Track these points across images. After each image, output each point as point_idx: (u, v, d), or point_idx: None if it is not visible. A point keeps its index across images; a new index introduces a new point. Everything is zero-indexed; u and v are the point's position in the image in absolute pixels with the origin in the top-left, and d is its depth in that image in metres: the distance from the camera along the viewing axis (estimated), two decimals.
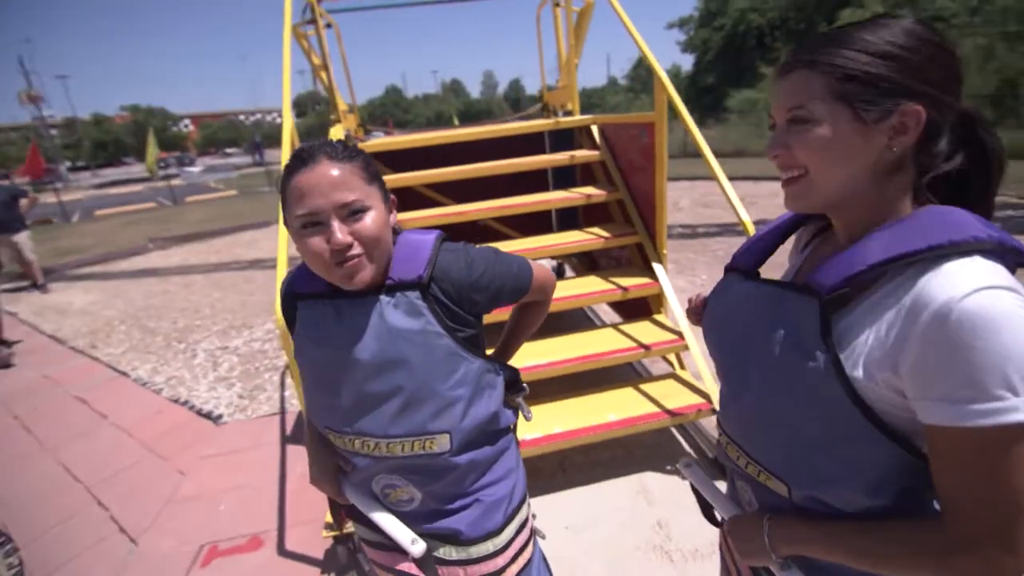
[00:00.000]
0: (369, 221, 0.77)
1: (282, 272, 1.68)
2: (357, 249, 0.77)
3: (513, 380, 1.01)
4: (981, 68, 9.68)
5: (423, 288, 0.83)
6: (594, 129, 3.08)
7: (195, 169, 30.33)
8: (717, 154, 2.17)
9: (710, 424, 2.43)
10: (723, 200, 1.96)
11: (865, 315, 0.57)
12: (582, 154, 2.96)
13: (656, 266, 2.53)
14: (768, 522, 0.68)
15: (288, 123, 2.00)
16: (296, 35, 2.96)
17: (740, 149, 13.36)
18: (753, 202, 8.06)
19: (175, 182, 20.74)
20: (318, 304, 0.87)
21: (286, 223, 0.81)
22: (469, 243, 0.93)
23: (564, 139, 3.42)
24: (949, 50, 0.56)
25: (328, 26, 3.37)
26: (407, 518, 0.92)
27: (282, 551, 2.05)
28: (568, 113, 3.72)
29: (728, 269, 0.81)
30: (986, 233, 0.53)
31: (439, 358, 0.84)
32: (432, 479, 0.89)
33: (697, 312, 0.95)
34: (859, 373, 0.56)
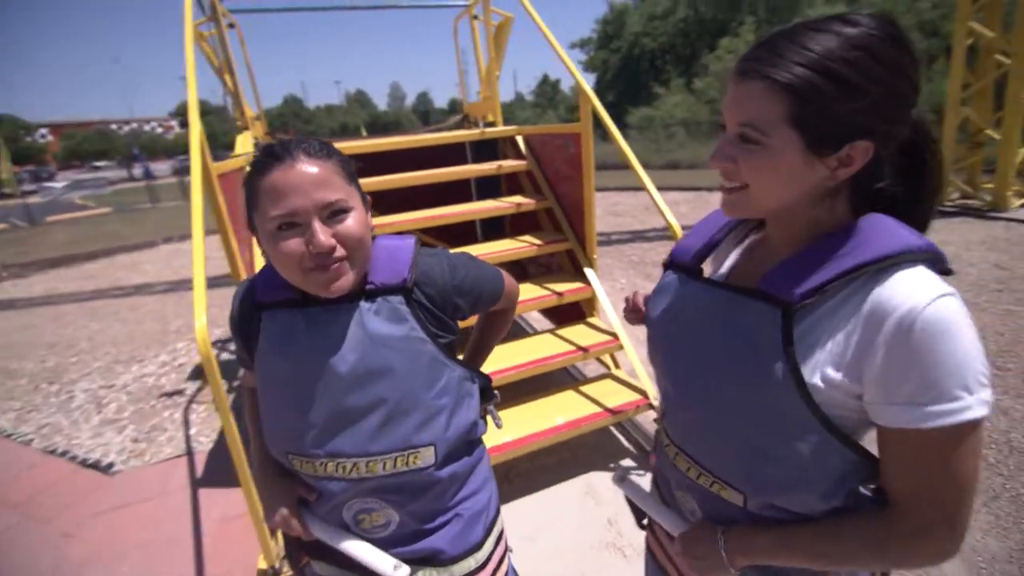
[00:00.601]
0: (352, 222, 0.72)
1: (200, 292, 1.50)
2: (339, 252, 0.71)
3: (484, 387, 0.98)
4: None
5: (407, 293, 0.79)
6: (519, 140, 3.13)
7: (57, 185, 26.47)
8: (621, 166, 2.28)
9: (646, 419, 2.54)
10: (632, 209, 2.07)
11: (820, 322, 0.57)
12: (509, 164, 3.00)
13: (588, 271, 2.61)
14: (723, 535, 0.67)
15: (196, 128, 1.80)
16: (195, 35, 2.70)
17: (642, 162, 14.34)
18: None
19: (32, 199, 17.98)
20: (285, 314, 0.79)
21: (253, 225, 0.73)
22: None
23: (487, 150, 3.43)
24: (914, 77, 0.54)
25: (231, 26, 3.12)
26: (382, 544, 0.85)
27: None
28: (490, 124, 3.75)
29: (668, 266, 0.80)
30: (924, 243, 0.56)
31: (424, 365, 0.80)
32: (413, 497, 0.84)
33: (636, 311, 0.94)
34: (816, 379, 0.56)
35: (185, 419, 3.18)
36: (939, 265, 0.56)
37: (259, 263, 2.28)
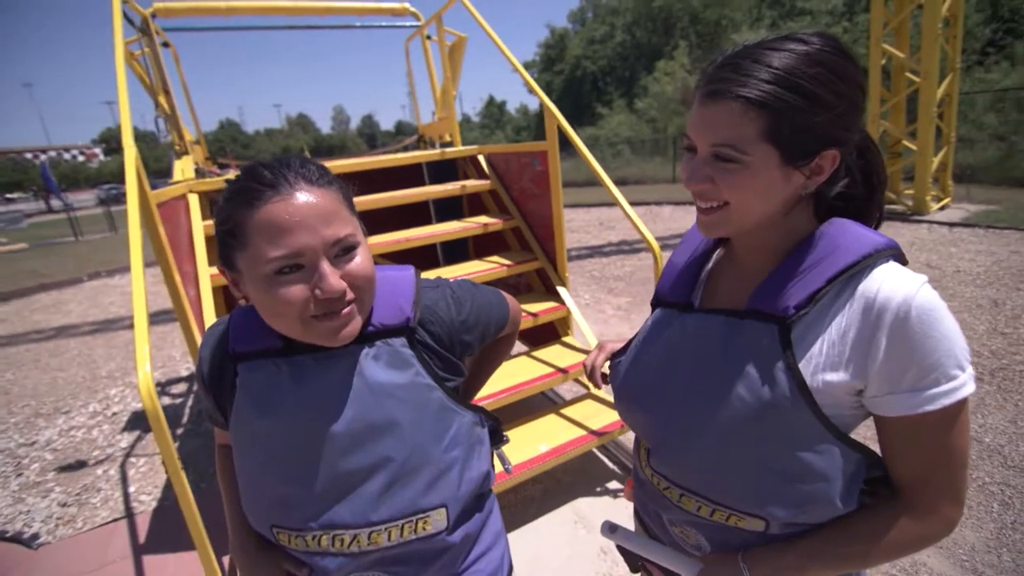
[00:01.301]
0: (361, 259, 0.63)
1: (143, 335, 1.31)
2: (349, 295, 0.61)
3: (492, 429, 0.88)
4: None
5: (410, 333, 0.69)
6: (481, 159, 3.08)
7: None
8: (570, 183, 2.28)
9: (627, 439, 2.48)
10: (585, 224, 2.05)
11: (811, 328, 0.59)
12: (474, 183, 2.93)
13: (560, 289, 2.57)
14: (745, 562, 0.65)
15: (131, 153, 1.62)
16: (126, 55, 2.48)
17: (590, 180, 14.75)
18: (611, 226, 8.86)
19: None
20: (267, 365, 0.67)
21: (234, 266, 0.61)
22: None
23: (445, 171, 3.35)
24: (864, 86, 0.59)
25: (164, 45, 2.91)
26: None
27: None
28: (446, 144, 3.68)
29: (657, 303, 0.78)
30: (888, 240, 0.60)
31: (431, 415, 0.70)
32: (421, 567, 0.73)
33: (602, 375, 0.87)
34: (818, 383, 0.58)
35: (123, 476, 2.84)
36: (901, 258, 0.60)
37: (208, 300, 2.08)
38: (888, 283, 0.56)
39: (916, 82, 6.47)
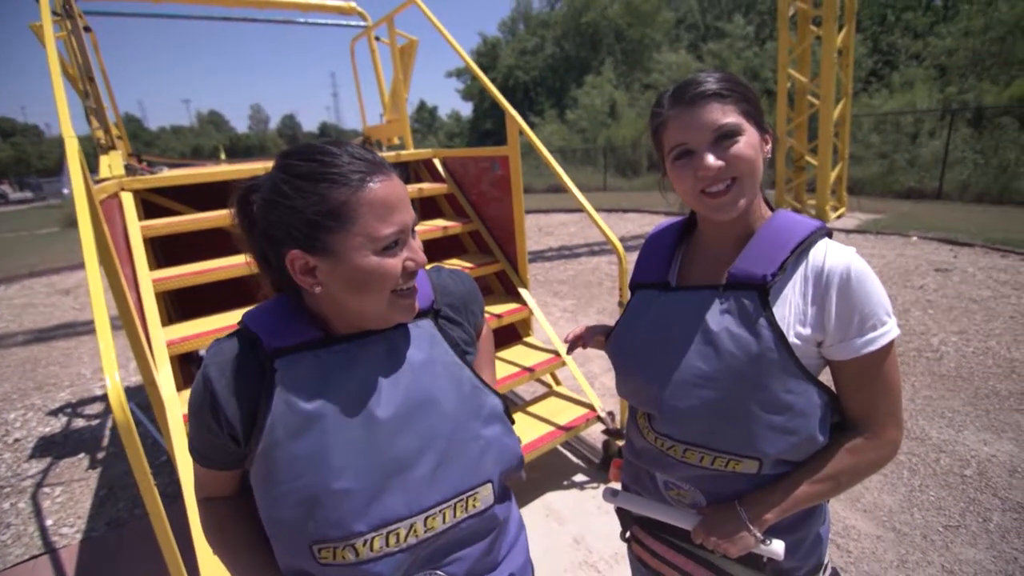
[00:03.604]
0: (419, 240, 0.69)
1: (107, 338, 1.20)
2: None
3: None
4: None
5: (435, 315, 0.75)
6: (437, 162, 3.07)
7: None
8: None
9: (589, 433, 2.58)
10: (526, 230, 2.14)
11: (780, 293, 0.74)
12: (430, 186, 2.92)
13: (522, 291, 2.62)
14: (742, 507, 0.76)
15: (73, 144, 1.47)
16: (38, 36, 2.23)
17: (525, 186, 15.03)
18: (550, 231, 9.09)
19: None
20: (308, 357, 0.66)
21: (334, 247, 0.61)
22: None
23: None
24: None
25: (87, 30, 2.64)
26: None
27: None
28: (395, 147, 3.63)
29: (637, 286, 0.90)
30: (820, 222, 0.77)
31: (467, 391, 0.74)
32: (472, 547, 0.74)
33: (581, 340, 1.01)
34: (792, 337, 0.72)
35: (36, 508, 2.52)
36: (831, 234, 0.77)
37: (151, 305, 1.92)
38: (831, 255, 0.72)
39: (816, 104, 7.25)
